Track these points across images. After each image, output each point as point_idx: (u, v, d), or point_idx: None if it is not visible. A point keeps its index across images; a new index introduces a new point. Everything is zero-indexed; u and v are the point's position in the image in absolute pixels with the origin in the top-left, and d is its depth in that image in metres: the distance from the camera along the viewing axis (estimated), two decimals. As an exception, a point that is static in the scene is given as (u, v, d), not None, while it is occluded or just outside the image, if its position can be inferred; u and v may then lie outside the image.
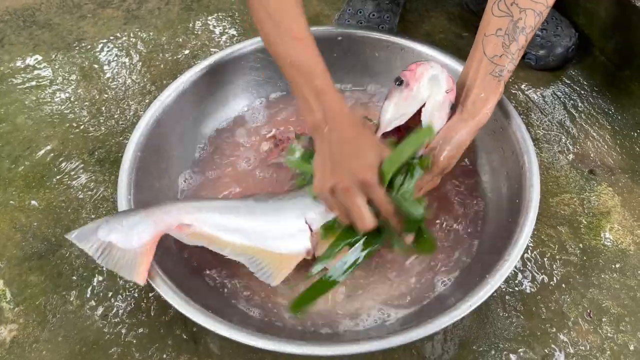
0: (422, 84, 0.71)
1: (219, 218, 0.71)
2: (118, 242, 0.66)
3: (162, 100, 0.82)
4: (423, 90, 0.71)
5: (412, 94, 0.71)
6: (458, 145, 0.70)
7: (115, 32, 1.17)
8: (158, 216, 0.69)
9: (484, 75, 0.70)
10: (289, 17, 0.69)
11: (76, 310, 0.76)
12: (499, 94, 0.71)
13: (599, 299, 0.76)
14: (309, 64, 0.67)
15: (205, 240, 0.70)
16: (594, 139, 0.94)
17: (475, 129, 0.71)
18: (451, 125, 0.71)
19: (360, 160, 0.65)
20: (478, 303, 0.61)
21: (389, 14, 1.10)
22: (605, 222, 0.83)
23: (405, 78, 0.72)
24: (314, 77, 0.67)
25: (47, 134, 0.98)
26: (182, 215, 0.70)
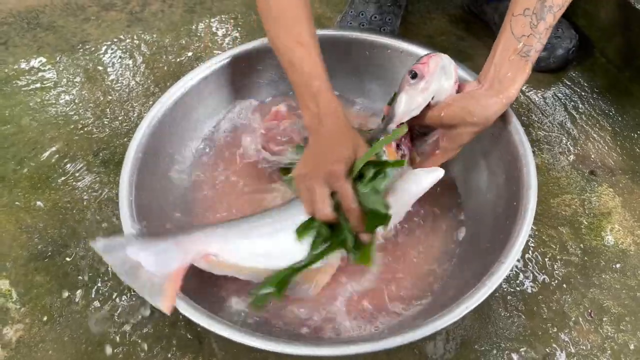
0: (435, 75, 0.72)
1: (246, 245, 0.69)
2: (147, 264, 0.63)
3: (163, 102, 0.83)
4: (435, 82, 0.72)
5: (426, 86, 0.72)
6: (486, 117, 0.70)
7: (119, 35, 1.18)
8: (186, 245, 0.67)
9: (512, 55, 0.70)
10: (291, 18, 0.71)
11: (81, 310, 0.76)
12: (527, 74, 0.71)
13: (599, 298, 0.76)
14: (308, 67, 0.70)
15: (233, 269, 0.68)
16: (594, 140, 0.95)
17: (503, 104, 0.70)
18: (475, 95, 0.71)
19: (335, 153, 0.67)
20: (475, 305, 0.61)
21: (390, 16, 1.11)
22: (606, 223, 0.84)
23: (419, 71, 0.73)
24: (313, 78, 0.69)
25: (51, 135, 0.98)
26: (208, 244, 0.67)
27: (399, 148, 0.74)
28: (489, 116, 0.70)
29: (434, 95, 0.73)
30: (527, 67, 0.70)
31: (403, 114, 0.73)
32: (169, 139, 0.84)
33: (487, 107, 0.70)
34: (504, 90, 0.70)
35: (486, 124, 0.71)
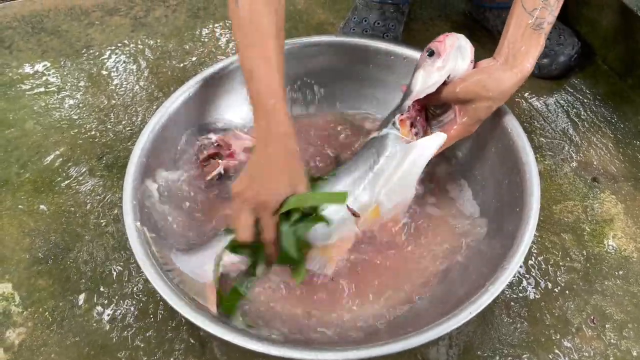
0: (451, 54, 0.73)
1: None
2: (189, 271, 0.70)
3: (167, 106, 0.83)
4: (451, 60, 0.73)
5: (442, 64, 0.73)
6: (501, 91, 0.71)
7: (123, 39, 1.19)
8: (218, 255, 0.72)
9: (524, 29, 0.71)
10: (261, 31, 0.70)
11: (84, 314, 0.76)
12: (540, 46, 0.71)
13: (602, 305, 0.76)
14: (267, 84, 0.69)
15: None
16: (596, 147, 0.95)
17: (518, 78, 0.71)
18: (489, 70, 0.72)
19: (272, 184, 0.68)
20: (478, 310, 0.61)
21: (393, 22, 1.11)
22: (609, 230, 0.84)
23: (436, 49, 0.73)
24: (270, 96, 0.68)
25: (55, 139, 0.99)
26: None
27: (412, 126, 0.75)
28: (504, 90, 0.71)
29: (450, 74, 0.73)
30: (540, 39, 0.71)
31: (420, 91, 0.74)
32: (174, 144, 0.85)
33: (502, 81, 0.71)
34: (519, 64, 0.71)
35: (502, 98, 0.72)
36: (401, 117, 0.75)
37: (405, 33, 1.14)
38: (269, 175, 0.68)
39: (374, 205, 0.74)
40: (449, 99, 0.74)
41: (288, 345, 0.61)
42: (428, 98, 0.75)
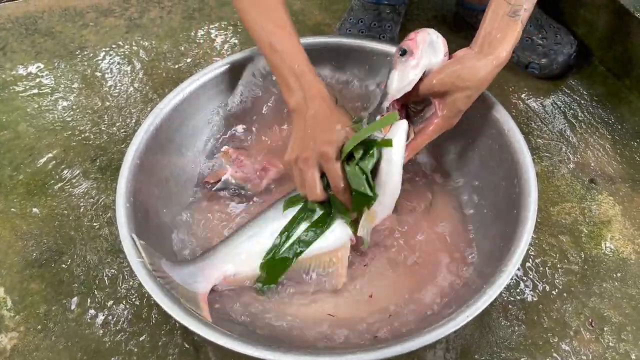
0: (424, 50, 0.72)
1: (257, 252, 0.73)
2: (180, 280, 0.68)
3: (161, 108, 0.82)
4: (425, 57, 0.72)
5: (416, 62, 0.72)
6: (477, 80, 0.70)
7: (117, 41, 1.18)
8: (208, 271, 0.71)
9: (501, 17, 0.70)
10: (269, 4, 0.73)
11: (77, 318, 0.75)
12: (517, 33, 0.70)
13: (600, 308, 0.76)
14: (289, 49, 0.72)
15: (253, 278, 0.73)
16: (594, 148, 0.94)
17: (493, 66, 0.70)
18: (464, 60, 0.71)
19: (326, 134, 0.68)
20: (476, 313, 0.61)
21: (390, 23, 1.11)
22: (606, 231, 0.84)
23: (408, 47, 0.73)
24: (295, 61, 0.71)
25: (48, 141, 0.98)
26: (224, 265, 0.72)
27: None
28: (480, 78, 0.70)
29: (425, 70, 0.73)
30: (516, 26, 0.70)
31: (396, 91, 0.73)
32: (168, 146, 0.84)
33: (477, 69, 0.70)
34: (493, 51, 0.70)
35: (479, 86, 0.71)
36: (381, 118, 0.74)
37: (402, 34, 1.13)
38: (319, 129, 0.69)
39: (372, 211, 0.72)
40: (427, 94, 0.73)
41: (283, 350, 0.60)
42: (406, 96, 0.74)
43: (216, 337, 0.60)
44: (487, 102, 0.80)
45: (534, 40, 1.05)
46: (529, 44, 1.05)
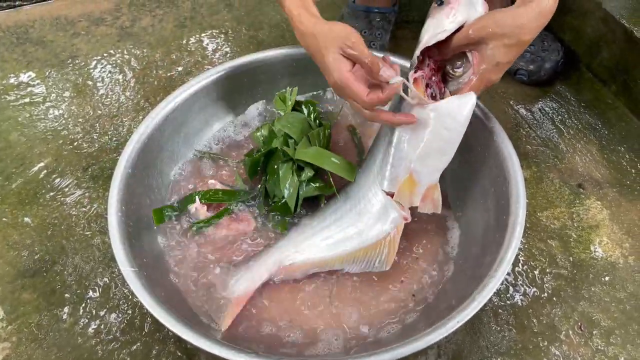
0: (463, 4, 0.69)
1: (315, 242, 0.76)
2: (220, 287, 0.73)
3: (153, 117, 0.83)
4: (463, 11, 0.69)
5: (452, 11, 0.69)
6: (517, 26, 0.65)
7: (109, 49, 1.18)
8: (256, 271, 0.74)
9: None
10: None
11: (69, 328, 0.75)
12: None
13: (589, 311, 0.76)
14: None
15: (311, 267, 0.75)
16: (582, 153, 0.96)
17: (535, 13, 0.65)
18: (504, 9, 0.66)
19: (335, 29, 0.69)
20: (465, 319, 0.61)
21: (380, 31, 1.12)
22: (595, 236, 0.85)
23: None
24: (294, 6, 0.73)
25: (40, 150, 0.98)
26: (281, 260, 0.75)
27: (428, 87, 0.71)
28: (521, 25, 0.65)
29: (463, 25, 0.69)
30: None
31: (430, 38, 0.69)
32: (160, 154, 0.84)
33: (517, 16, 0.65)
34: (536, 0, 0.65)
35: (519, 35, 0.65)
36: (415, 75, 0.69)
37: (392, 42, 1.14)
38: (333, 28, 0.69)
39: (406, 176, 0.72)
40: (462, 44, 0.69)
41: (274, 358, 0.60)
42: (441, 50, 0.71)
43: (208, 345, 0.60)
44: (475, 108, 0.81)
45: (522, 47, 1.06)
46: (517, 51, 1.06)
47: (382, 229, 0.73)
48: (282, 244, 0.76)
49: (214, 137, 0.92)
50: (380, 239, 0.73)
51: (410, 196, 0.72)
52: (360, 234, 0.74)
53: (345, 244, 0.75)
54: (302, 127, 0.82)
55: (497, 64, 0.67)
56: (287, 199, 0.78)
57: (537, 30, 0.66)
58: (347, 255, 0.74)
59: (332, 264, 0.75)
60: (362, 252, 0.74)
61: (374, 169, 0.75)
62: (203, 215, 0.80)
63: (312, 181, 0.79)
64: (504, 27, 0.65)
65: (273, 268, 0.74)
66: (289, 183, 0.78)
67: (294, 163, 0.80)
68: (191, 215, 0.81)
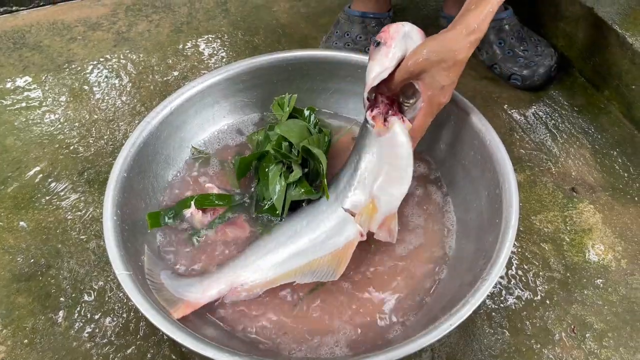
0: (398, 40, 0.73)
1: (269, 261, 0.74)
2: (171, 288, 0.70)
3: (148, 121, 0.83)
4: (400, 46, 0.73)
5: (391, 50, 0.73)
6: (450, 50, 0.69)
7: (105, 54, 1.19)
8: (208, 283, 0.72)
9: None
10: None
11: (64, 332, 0.75)
12: (490, 3, 0.69)
13: (582, 314, 0.77)
14: None
15: (264, 286, 0.73)
16: (575, 157, 0.96)
17: (463, 35, 0.69)
18: (435, 36, 0.71)
19: None
20: (459, 322, 0.62)
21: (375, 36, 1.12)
22: (588, 239, 0.85)
23: (381, 38, 0.74)
24: None
25: (36, 154, 0.98)
26: (233, 279, 0.73)
27: (386, 121, 0.75)
28: (453, 49, 0.69)
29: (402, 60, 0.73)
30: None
31: (374, 79, 0.73)
32: (155, 158, 0.84)
33: (448, 40, 0.69)
34: (464, 21, 0.70)
35: (455, 57, 0.70)
36: (372, 113, 0.75)
37: (387, 47, 1.15)
38: None
39: (369, 200, 0.75)
40: (406, 78, 0.73)
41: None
42: (388, 86, 0.74)
43: (203, 348, 0.61)
44: (469, 113, 0.82)
45: (515, 52, 1.07)
46: (510, 55, 1.08)
47: (336, 241, 0.74)
48: (236, 263, 0.74)
49: (209, 141, 0.92)
50: (333, 250, 0.73)
51: (370, 221, 0.75)
52: (314, 246, 0.74)
53: (299, 258, 0.74)
54: (301, 132, 0.83)
55: (442, 87, 0.72)
56: (274, 201, 0.79)
57: (470, 49, 0.70)
58: (299, 268, 0.73)
59: (284, 279, 0.73)
60: (315, 264, 0.73)
61: (337, 189, 0.77)
62: (198, 220, 0.81)
63: (300, 185, 0.79)
64: (439, 54, 0.70)
65: (224, 289, 0.72)
66: (277, 185, 0.79)
67: (283, 165, 0.80)
68: (186, 220, 0.81)
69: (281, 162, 0.81)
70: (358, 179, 0.75)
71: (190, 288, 0.70)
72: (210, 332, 0.69)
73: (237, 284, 0.73)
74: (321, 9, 1.31)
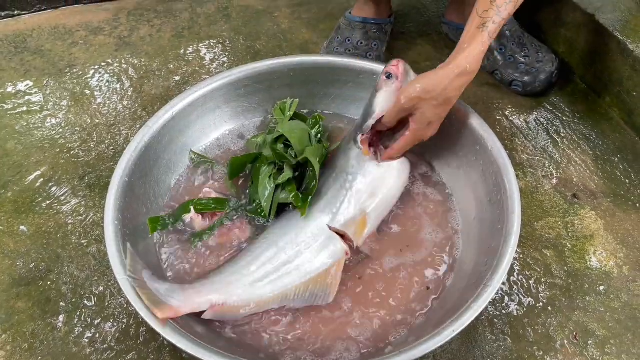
0: (404, 76, 0.79)
1: (250, 283, 0.71)
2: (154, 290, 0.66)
3: (150, 126, 0.83)
4: (404, 82, 0.78)
5: (400, 85, 0.78)
6: (442, 88, 0.72)
7: (107, 59, 1.19)
8: (190, 294, 0.68)
9: (471, 30, 0.73)
10: None
11: (64, 337, 0.75)
12: (481, 44, 0.72)
13: (584, 321, 0.77)
14: None
15: (249, 309, 0.70)
16: (576, 164, 0.96)
17: (454, 74, 0.72)
18: (427, 73, 0.74)
19: None
20: (461, 328, 0.62)
21: (376, 42, 1.13)
22: (589, 246, 0.85)
23: (394, 72, 0.79)
24: None
25: (37, 159, 0.98)
26: (211, 295, 0.69)
27: (371, 146, 0.81)
28: (444, 87, 0.72)
29: None
30: (481, 37, 0.72)
31: (381, 110, 0.79)
32: (157, 163, 0.84)
33: (440, 78, 0.72)
34: (454, 60, 0.73)
35: (445, 95, 0.73)
36: (362, 137, 0.80)
37: (388, 52, 1.15)
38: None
39: (361, 217, 0.76)
40: (398, 111, 0.76)
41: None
42: (380, 121, 0.79)
43: (205, 354, 0.60)
44: (471, 119, 0.82)
45: (516, 58, 1.08)
46: (511, 62, 1.08)
47: (324, 262, 0.73)
48: (216, 280, 0.71)
49: (211, 146, 0.92)
50: (322, 271, 0.73)
51: (360, 236, 0.76)
52: (300, 268, 0.73)
53: (284, 280, 0.72)
54: (302, 135, 0.83)
55: (429, 123, 0.76)
56: (262, 203, 0.79)
57: (461, 88, 0.74)
58: (287, 291, 0.71)
59: (271, 303, 0.71)
60: (304, 287, 0.72)
61: (320, 204, 0.77)
62: (198, 224, 0.80)
63: (289, 188, 0.79)
64: (430, 92, 0.73)
65: (204, 304, 0.68)
66: (266, 186, 0.79)
67: (275, 167, 0.81)
68: (186, 224, 0.81)
69: (273, 163, 0.81)
70: (351, 196, 0.77)
71: (172, 294, 0.67)
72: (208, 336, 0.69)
73: (216, 302, 0.69)
74: (322, 14, 1.31)
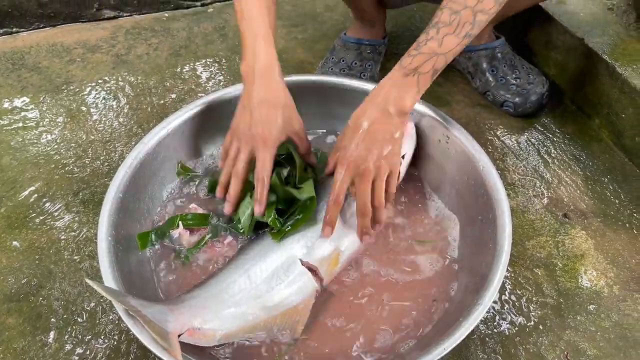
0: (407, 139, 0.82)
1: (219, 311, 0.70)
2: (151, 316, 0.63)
3: (145, 142, 0.84)
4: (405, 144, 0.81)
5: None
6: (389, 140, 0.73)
7: (104, 76, 1.20)
8: (177, 314, 0.66)
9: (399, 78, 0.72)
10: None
11: (54, 353, 0.74)
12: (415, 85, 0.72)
13: (575, 340, 0.77)
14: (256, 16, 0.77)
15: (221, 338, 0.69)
16: (567, 184, 0.98)
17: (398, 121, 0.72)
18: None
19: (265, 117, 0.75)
20: (452, 346, 0.62)
21: (370, 62, 1.14)
22: (580, 265, 0.86)
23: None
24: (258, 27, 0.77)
25: (31, 174, 0.98)
26: (191, 318, 0.67)
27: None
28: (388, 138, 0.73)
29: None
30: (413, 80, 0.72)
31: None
32: (151, 180, 0.85)
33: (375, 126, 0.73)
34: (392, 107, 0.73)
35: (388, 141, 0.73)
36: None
37: (382, 73, 1.17)
38: (260, 111, 0.73)
39: (335, 254, 0.76)
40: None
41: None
42: None
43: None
44: (462, 139, 0.83)
45: (507, 79, 1.09)
46: (502, 83, 1.10)
47: (293, 299, 0.72)
48: (191, 303, 0.69)
49: (205, 163, 0.93)
50: (291, 308, 0.71)
51: (330, 273, 0.75)
52: (270, 303, 0.71)
53: (256, 313, 0.70)
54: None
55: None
56: (241, 220, 0.79)
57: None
58: (255, 325, 0.70)
59: (239, 334, 0.70)
60: (272, 321, 0.71)
61: (296, 234, 0.76)
62: (186, 240, 0.80)
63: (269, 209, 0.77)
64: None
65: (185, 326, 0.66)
66: (247, 205, 0.79)
67: None
68: (174, 240, 0.81)
69: None
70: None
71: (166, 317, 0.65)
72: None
73: (191, 325, 0.67)
74: (318, 35, 1.33)
